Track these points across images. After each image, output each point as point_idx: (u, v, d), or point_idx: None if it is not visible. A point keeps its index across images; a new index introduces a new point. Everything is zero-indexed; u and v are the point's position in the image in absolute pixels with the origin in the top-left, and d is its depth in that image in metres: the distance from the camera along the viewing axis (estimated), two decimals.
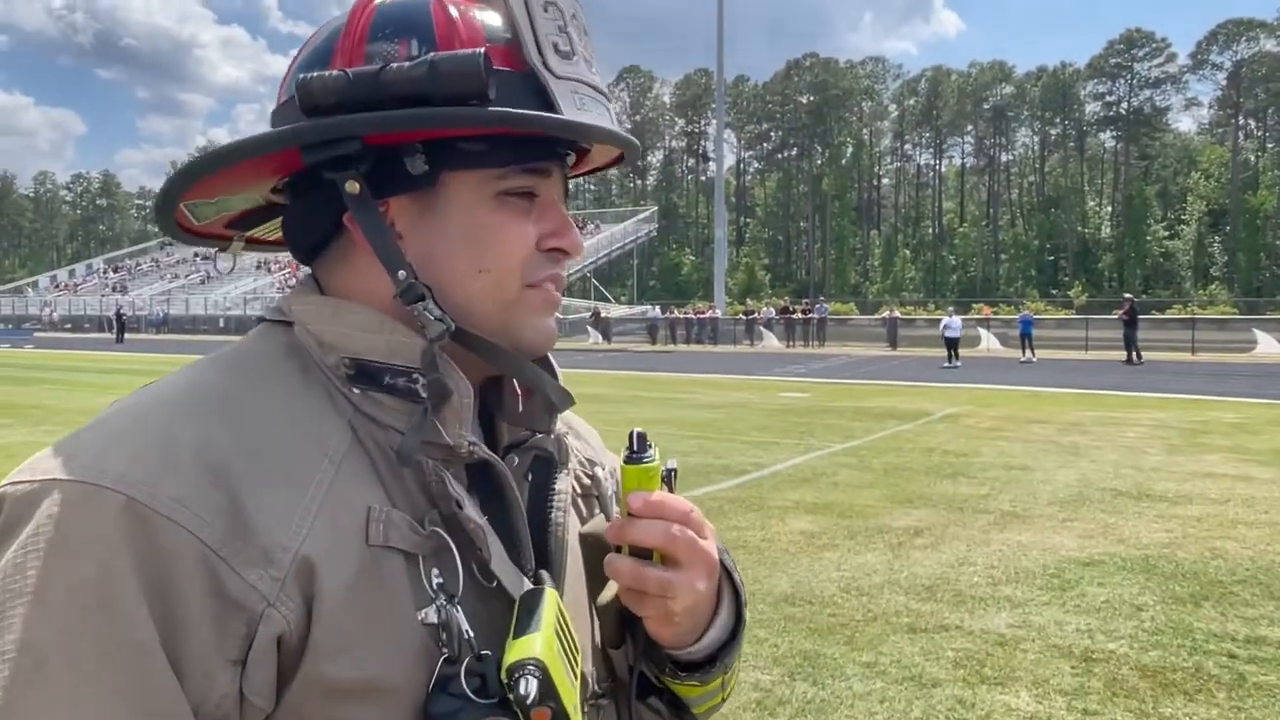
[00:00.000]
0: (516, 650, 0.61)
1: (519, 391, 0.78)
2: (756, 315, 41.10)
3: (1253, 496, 7.62)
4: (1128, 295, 29.23)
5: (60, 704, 0.53)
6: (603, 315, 43.63)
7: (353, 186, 0.66)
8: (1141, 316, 26.78)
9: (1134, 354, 25.40)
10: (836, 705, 3.71)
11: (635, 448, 0.74)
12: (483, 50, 0.63)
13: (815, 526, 6.66)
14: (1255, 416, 13.18)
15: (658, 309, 45.82)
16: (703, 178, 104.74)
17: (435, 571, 0.64)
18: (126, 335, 43.80)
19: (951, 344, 25.93)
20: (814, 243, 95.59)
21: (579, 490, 0.83)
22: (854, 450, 10.26)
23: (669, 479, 0.76)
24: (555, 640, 0.63)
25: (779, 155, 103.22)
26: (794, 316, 38.95)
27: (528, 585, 0.68)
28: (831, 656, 4.21)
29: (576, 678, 0.65)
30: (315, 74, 0.64)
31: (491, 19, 0.69)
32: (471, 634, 0.63)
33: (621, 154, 0.82)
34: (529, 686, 0.59)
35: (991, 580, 5.33)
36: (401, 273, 0.67)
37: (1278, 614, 4.73)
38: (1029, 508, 7.24)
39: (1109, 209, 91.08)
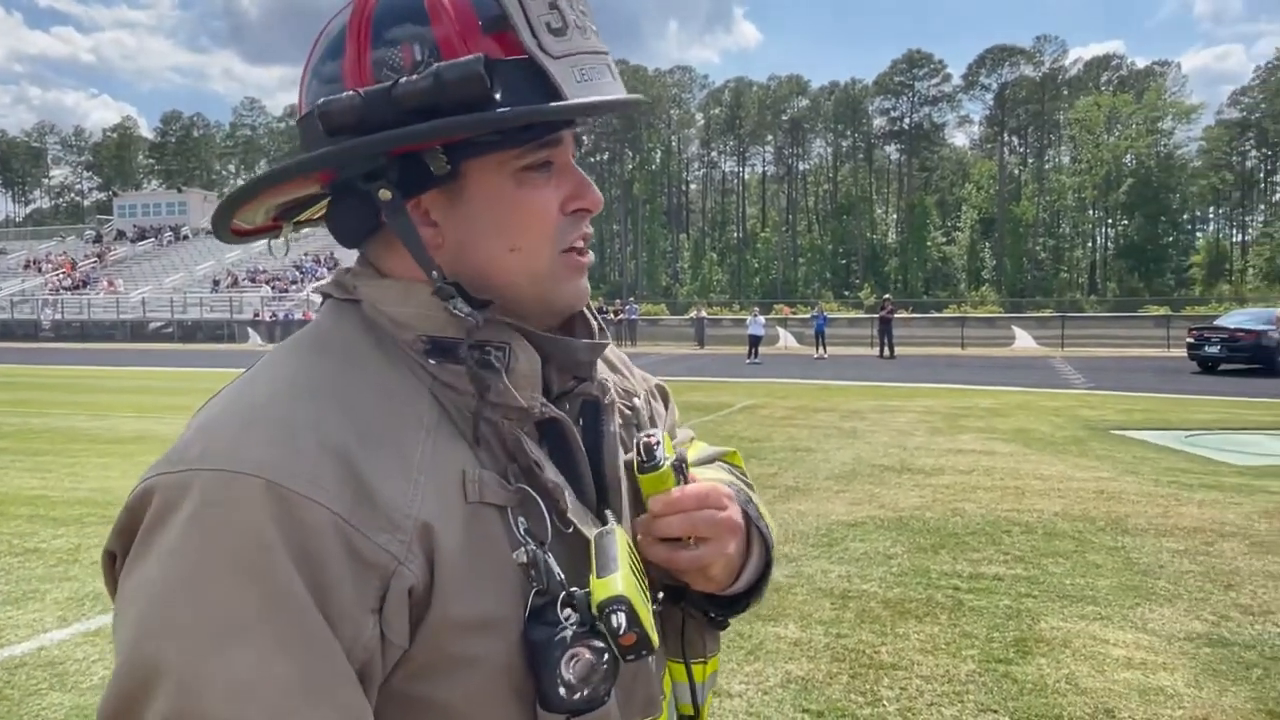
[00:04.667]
0: (603, 589, 0.71)
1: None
2: None
3: (993, 467, 8.91)
4: (887, 297, 32.24)
5: (238, 664, 0.60)
6: None
7: (385, 195, 0.73)
8: (921, 316, 29.43)
9: (886, 349, 28.02)
10: None
11: (645, 458, 0.83)
12: (481, 55, 0.68)
13: None
14: (1007, 402, 15.03)
15: None
16: None
17: (521, 520, 0.73)
18: None
19: (754, 341, 27.52)
20: (626, 245, 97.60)
21: (621, 422, 0.89)
22: None
23: (681, 469, 0.84)
24: (631, 575, 0.73)
25: (592, 159, 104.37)
26: (608, 317, 39.81)
27: (598, 529, 0.77)
28: None
29: (649, 600, 0.75)
30: (332, 98, 0.71)
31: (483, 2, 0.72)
32: (560, 572, 0.73)
33: None
34: (619, 620, 0.69)
35: None
36: (434, 273, 0.74)
37: (997, 556, 5.76)
38: (809, 483, 8.17)
39: (894, 216, 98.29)
